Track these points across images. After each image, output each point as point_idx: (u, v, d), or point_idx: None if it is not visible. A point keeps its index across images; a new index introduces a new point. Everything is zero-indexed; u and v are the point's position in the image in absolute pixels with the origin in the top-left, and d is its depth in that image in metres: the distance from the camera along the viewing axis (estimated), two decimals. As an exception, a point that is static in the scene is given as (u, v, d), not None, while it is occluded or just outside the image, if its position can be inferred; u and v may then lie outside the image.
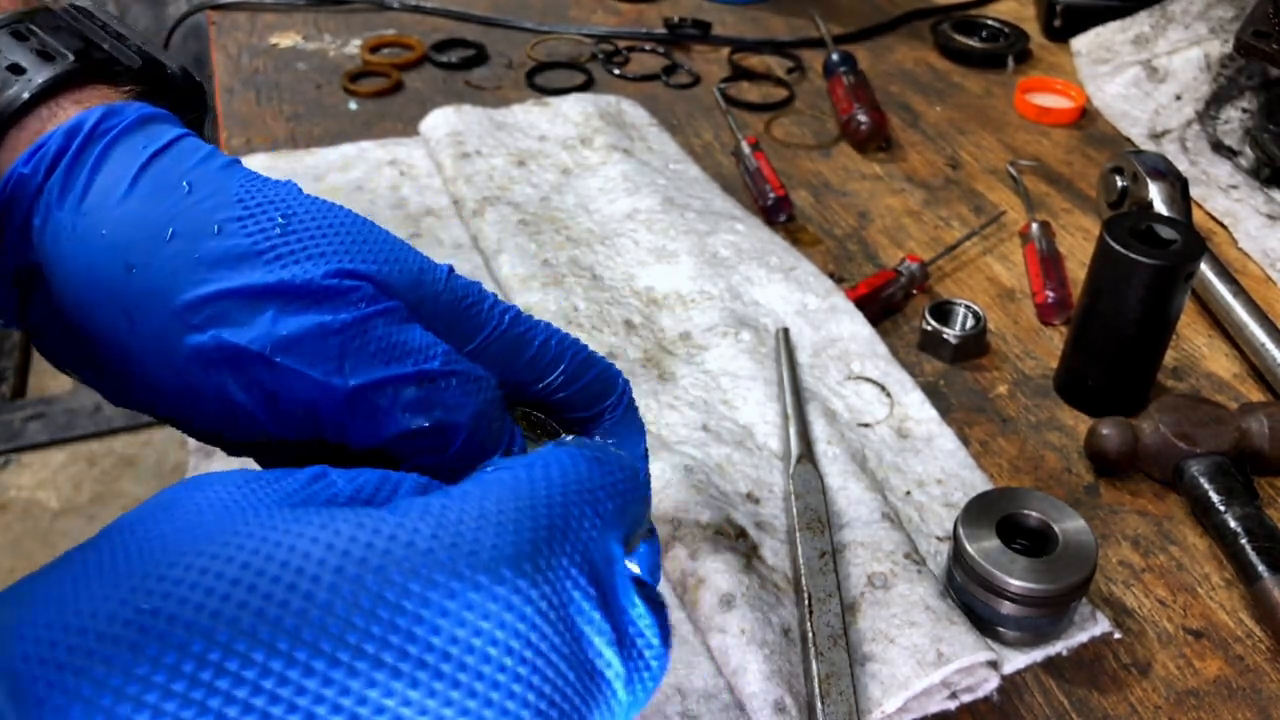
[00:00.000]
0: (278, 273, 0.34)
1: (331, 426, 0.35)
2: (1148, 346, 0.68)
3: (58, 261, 0.35)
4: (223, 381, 0.34)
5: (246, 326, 0.33)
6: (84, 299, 0.35)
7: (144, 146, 0.36)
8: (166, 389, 0.35)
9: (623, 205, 0.85)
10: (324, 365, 0.34)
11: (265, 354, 0.33)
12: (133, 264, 0.34)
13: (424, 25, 1.18)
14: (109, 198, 0.35)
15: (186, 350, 0.34)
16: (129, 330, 0.34)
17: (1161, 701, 0.54)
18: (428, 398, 0.35)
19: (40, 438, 2.19)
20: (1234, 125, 1.02)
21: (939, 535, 0.61)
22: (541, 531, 0.28)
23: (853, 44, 1.20)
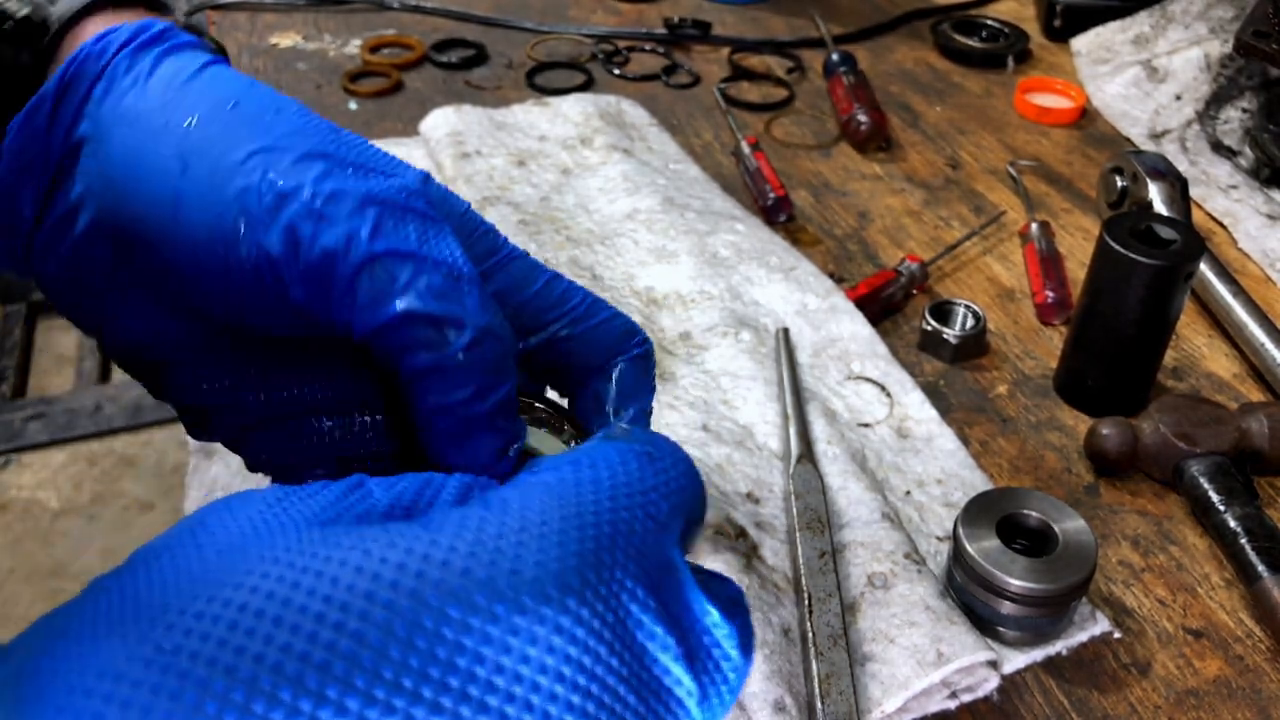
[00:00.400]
0: (329, 147, 0.35)
1: (341, 294, 0.34)
2: (1148, 346, 0.68)
3: (115, 122, 0.36)
4: (259, 225, 0.34)
5: (295, 176, 0.34)
6: (136, 149, 0.36)
7: (204, 54, 0.38)
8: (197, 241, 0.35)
9: (623, 205, 0.85)
10: (357, 223, 0.34)
11: (306, 198, 0.34)
12: (194, 119, 0.36)
13: (424, 25, 1.18)
14: (175, 78, 0.37)
15: (234, 190, 0.34)
16: (180, 173, 0.35)
17: (1161, 701, 0.54)
18: (446, 290, 0.34)
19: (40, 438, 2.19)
20: (1234, 125, 1.02)
21: (939, 535, 0.61)
22: (589, 543, 0.26)
23: (853, 44, 1.20)
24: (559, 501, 0.27)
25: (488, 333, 0.34)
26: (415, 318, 0.33)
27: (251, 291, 0.35)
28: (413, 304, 0.33)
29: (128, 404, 2.26)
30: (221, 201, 0.34)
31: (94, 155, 0.37)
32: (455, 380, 0.34)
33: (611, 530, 0.27)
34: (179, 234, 0.35)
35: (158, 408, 2.24)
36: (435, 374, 0.34)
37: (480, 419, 0.35)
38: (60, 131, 0.37)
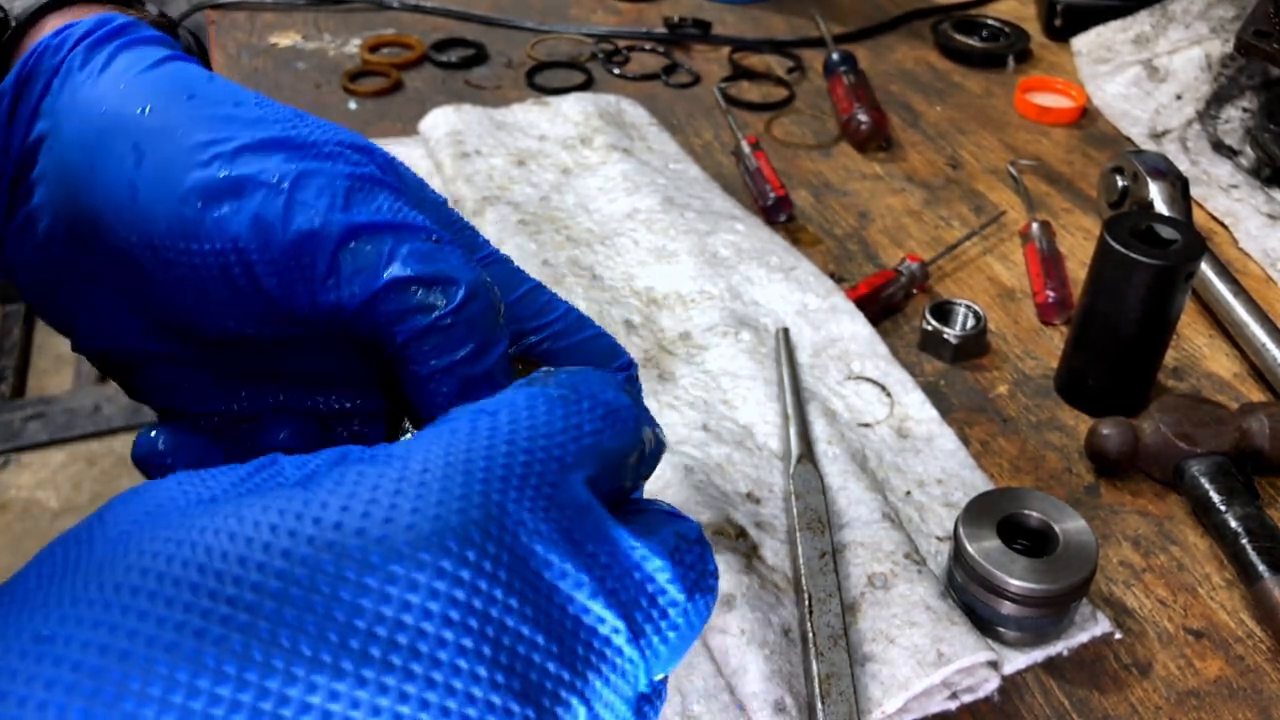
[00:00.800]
0: (289, 133, 0.34)
1: (324, 275, 0.33)
2: (1148, 346, 0.68)
3: (71, 112, 0.36)
4: (222, 214, 0.33)
5: (257, 163, 0.33)
6: (91, 141, 0.35)
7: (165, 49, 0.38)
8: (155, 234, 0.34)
9: (622, 205, 0.85)
10: (328, 201, 0.33)
11: (272, 183, 0.33)
12: (149, 108, 0.35)
13: (424, 25, 1.18)
14: (130, 69, 0.36)
15: (193, 181, 0.33)
16: (135, 164, 0.34)
17: (1162, 702, 0.54)
18: (431, 253, 0.33)
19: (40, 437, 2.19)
20: (1234, 125, 1.02)
21: (939, 535, 0.61)
22: (476, 485, 0.25)
23: (853, 43, 1.20)
24: (446, 449, 0.26)
25: (479, 288, 0.34)
26: (406, 282, 0.33)
27: (216, 285, 0.34)
28: (401, 270, 0.33)
29: (127, 404, 2.26)
30: (179, 192, 0.33)
31: (51, 151, 0.36)
32: (454, 339, 0.33)
33: (505, 473, 0.26)
34: (137, 228, 0.34)
35: (157, 408, 2.24)
36: (433, 335, 0.33)
37: (481, 378, 0.34)
38: (20, 129, 0.36)
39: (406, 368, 0.34)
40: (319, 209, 0.33)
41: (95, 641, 0.21)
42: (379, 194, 0.34)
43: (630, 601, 0.26)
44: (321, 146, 0.35)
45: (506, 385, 0.34)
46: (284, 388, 0.40)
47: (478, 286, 0.34)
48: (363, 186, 0.34)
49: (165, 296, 0.35)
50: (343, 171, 0.34)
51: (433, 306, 0.33)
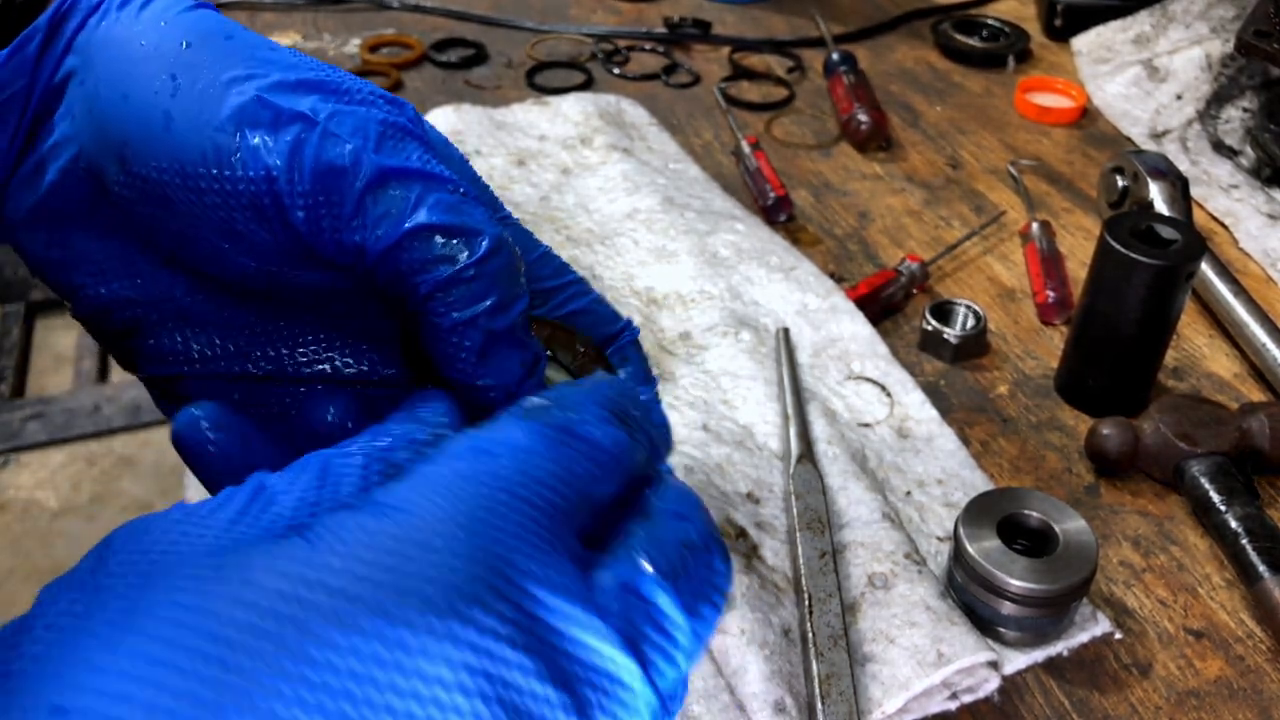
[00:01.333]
0: (325, 76, 0.35)
1: (350, 214, 0.33)
2: (1148, 346, 0.68)
3: (106, 45, 0.36)
4: (256, 144, 0.33)
5: (294, 98, 0.34)
6: (126, 70, 0.35)
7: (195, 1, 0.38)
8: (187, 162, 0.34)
9: (622, 205, 0.84)
10: (361, 142, 0.33)
11: (309, 117, 0.33)
12: (189, 42, 0.35)
13: (423, 24, 1.18)
14: (170, 10, 0.36)
15: (229, 109, 0.33)
16: (171, 93, 0.34)
17: (1162, 702, 0.53)
18: (457, 204, 0.33)
19: (39, 437, 2.19)
20: (1235, 125, 1.02)
21: (939, 535, 0.61)
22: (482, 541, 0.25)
23: (853, 43, 1.20)
24: (452, 501, 0.25)
25: (502, 242, 0.34)
26: (431, 229, 0.33)
27: (244, 215, 0.34)
28: (427, 218, 0.33)
29: (127, 404, 2.26)
30: (215, 121, 0.33)
31: (81, 85, 0.36)
32: (476, 291, 0.33)
33: (511, 526, 0.26)
34: (169, 155, 0.34)
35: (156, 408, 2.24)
36: (456, 286, 0.33)
37: (504, 333, 0.34)
38: (49, 64, 0.36)
39: (428, 320, 0.34)
40: (351, 148, 0.33)
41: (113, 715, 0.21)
42: (409, 143, 0.34)
43: (638, 635, 0.26)
44: (355, 93, 0.35)
45: (534, 342, 0.35)
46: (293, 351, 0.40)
47: (500, 241, 0.34)
48: (394, 134, 0.34)
49: (190, 230, 0.35)
50: (376, 117, 0.34)
51: (455, 257, 0.33)
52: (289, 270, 0.36)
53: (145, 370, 0.39)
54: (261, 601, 0.23)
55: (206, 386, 0.39)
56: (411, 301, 0.34)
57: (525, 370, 0.35)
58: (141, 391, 2.28)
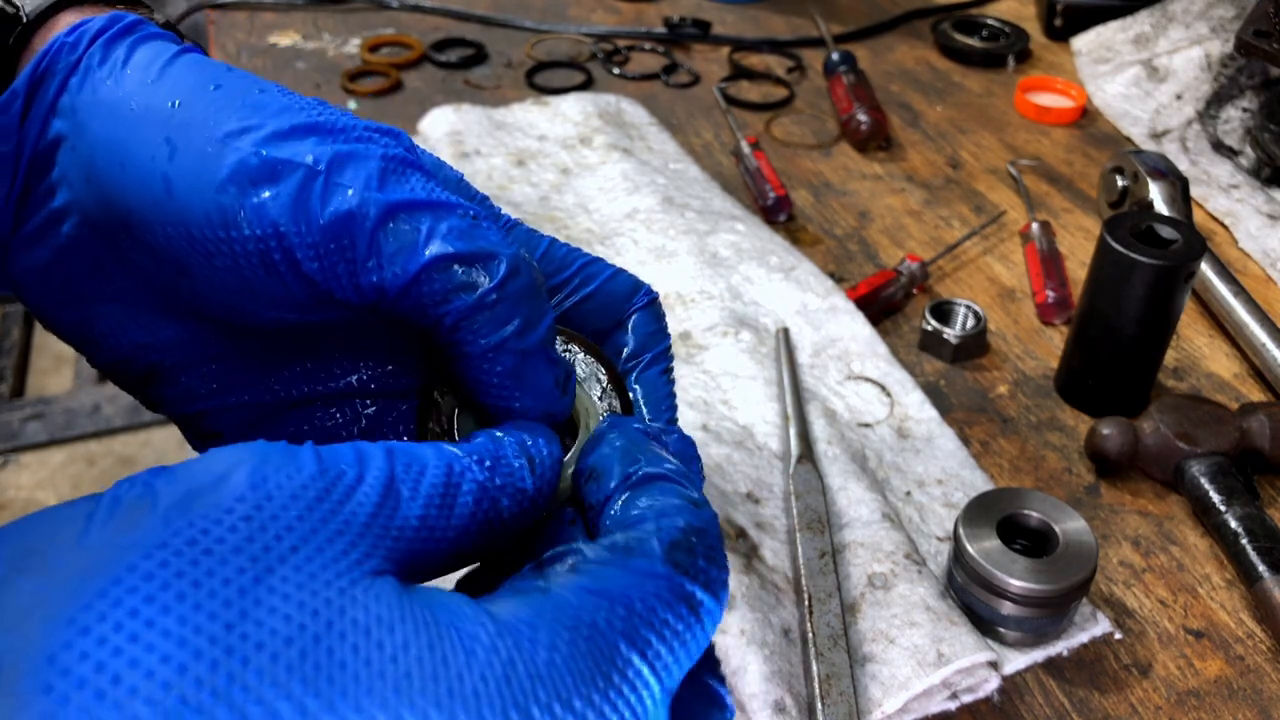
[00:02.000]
0: (318, 118, 0.35)
1: (364, 256, 0.33)
2: (1148, 346, 0.68)
3: (95, 110, 0.35)
4: (259, 200, 0.33)
5: (290, 148, 0.33)
6: (120, 137, 0.35)
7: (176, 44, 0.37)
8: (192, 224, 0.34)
9: (622, 205, 0.84)
10: (365, 182, 0.33)
11: (309, 165, 0.33)
12: (178, 101, 0.34)
13: (423, 24, 1.18)
14: (152, 64, 0.36)
15: (228, 168, 0.33)
16: (168, 157, 0.34)
17: (1162, 702, 0.53)
18: (470, 230, 0.33)
19: (39, 438, 2.19)
20: (1234, 125, 1.02)
21: (939, 535, 0.60)
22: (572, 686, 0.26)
23: (853, 43, 1.20)
24: (584, 649, 0.27)
25: (519, 262, 0.34)
26: (448, 260, 0.33)
27: (256, 273, 0.34)
28: (443, 248, 0.33)
29: (126, 404, 2.26)
30: (215, 181, 0.33)
31: (74, 151, 0.36)
32: (501, 315, 0.33)
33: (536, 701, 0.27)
34: (173, 220, 0.34)
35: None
36: (481, 313, 0.33)
37: (535, 350, 0.34)
38: (34, 128, 0.36)
39: (458, 349, 0.34)
40: (356, 189, 0.33)
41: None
42: (412, 174, 0.34)
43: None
44: (350, 131, 0.34)
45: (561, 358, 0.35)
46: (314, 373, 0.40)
47: (518, 260, 0.34)
48: (396, 168, 0.34)
49: (205, 289, 0.35)
50: (376, 153, 0.34)
51: (476, 284, 0.33)
52: (308, 316, 0.36)
53: (171, 410, 0.40)
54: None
55: (231, 418, 0.39)
56: (438, 333, 0.34)
57: (559, 387, 0.35)
58: (141, 391, 2.27)
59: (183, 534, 0.24)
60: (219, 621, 0.23)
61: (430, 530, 0.27)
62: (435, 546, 0.28)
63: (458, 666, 0.25)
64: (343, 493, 0.26)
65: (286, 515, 0.25)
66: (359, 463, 0.27)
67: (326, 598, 0.24)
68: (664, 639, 0.28)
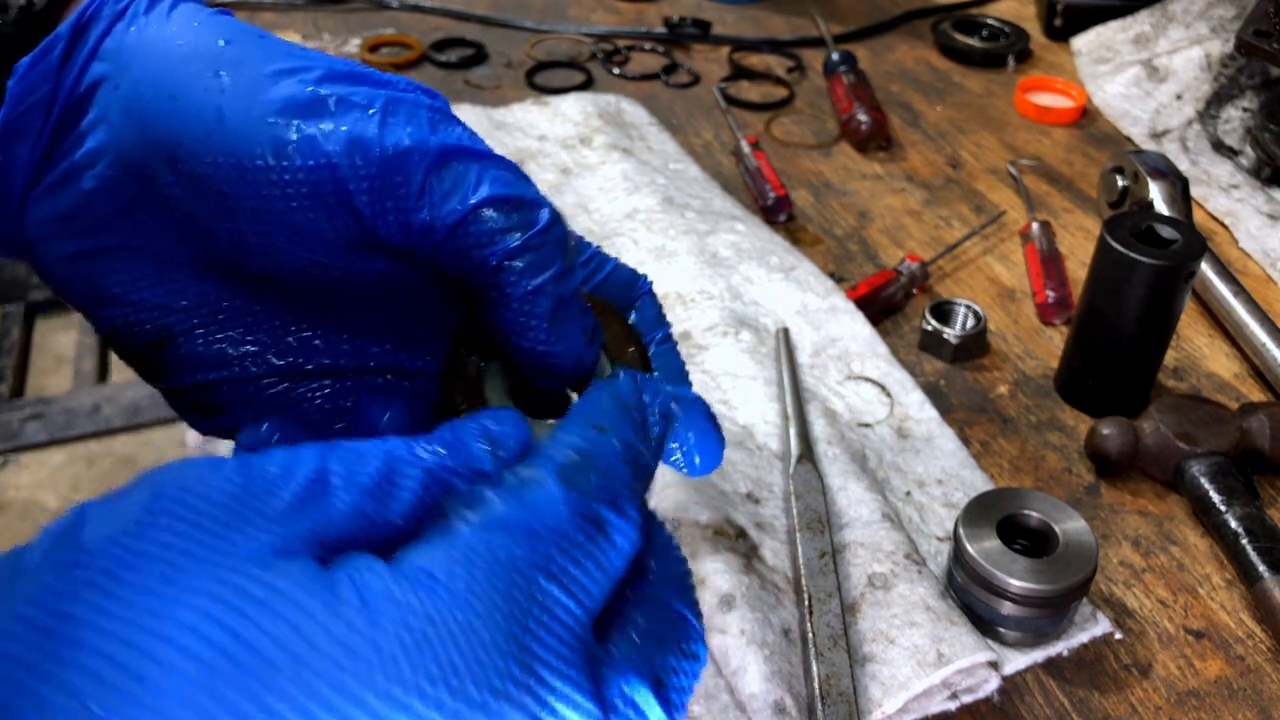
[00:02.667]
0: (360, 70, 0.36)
1: (416, 193, 0.34)
2: (1148, 346, 0.68)
3: (139, 50, 0.36)
4: (314, 132, 0.33)
5: (344, 88, 0.34)
6: (168, 72, 0.35)
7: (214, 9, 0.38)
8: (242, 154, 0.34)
9: (622, 205, 0.84)
10: (417, 126, 0.34)
11: (363, 104, 0.34)
12: (228, 39, 0.35)
13: (423, 24, 1.18)
14: (197, 15, 0.37)
15: (281, 100, 0.34)
16: (219, 89, 0.34)
17: (1162, 702, 0.53)
18: (514, 179, 0.35)
19: (39, 438, 2.19)
20: (1235, 125, 1.02)
21: (939, 535, 0.60)
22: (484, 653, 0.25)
23: (853, 43, 1.20)
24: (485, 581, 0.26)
25: (558, 213, 0.36)
26: (500, 201, 0.34)
27: (303, 205, 0.34)
28: (495, 190, 0.34)
29: (126, 404, 2.26)
30: (269, 114, 0.34)
31: (116, 90, 0.36)
32: (547, 256, 0.35)
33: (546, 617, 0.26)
34: (224, 152, 0.34)
35: (156, 407, 2.24)
36: (529, 253, 0.35)
37: (572, 297, 0.36)
38: (73, 71, 0.36)
39: (500, 291, 0.35)
40: (412, 131, 0.34)
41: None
42: (457, 125, 0.36)
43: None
44: (396, 84, 0.36)
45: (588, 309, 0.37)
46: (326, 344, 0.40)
47: (557, 212, 0.36)
48: (443, 118, 0.35)
49: (247, 225, 0.35)
50: (425, 102, 0.35)
51: (524, 226, 0.35)
52: (345, 262, 0.36)
53: (177, 380, 0.39)
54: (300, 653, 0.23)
55: (236, 390, 0.39)
56: (481, 274, 0.35)
57: (588, 337, 0.37)
58: (141, 392, 2.27)
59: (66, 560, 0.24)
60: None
61: (367, 518, 0.27)
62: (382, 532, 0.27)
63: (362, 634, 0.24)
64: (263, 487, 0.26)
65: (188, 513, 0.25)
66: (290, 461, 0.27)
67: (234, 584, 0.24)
68: (578, 562, 0.27)
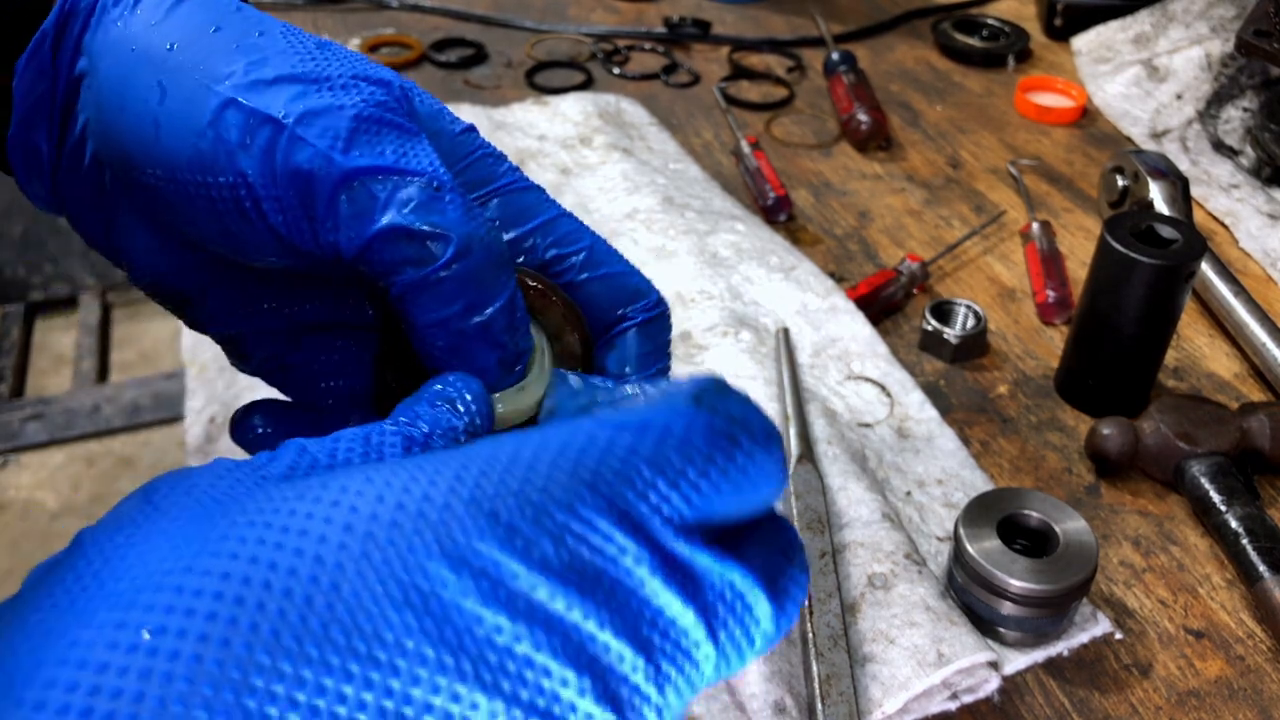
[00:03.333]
0: (307, 66, 0.35)
1: (324, 216, 0.33)
2: (1148, 346, 0.68)
3: (104, 52, 0.36)
4: (231, 148, 0.34)
5: (269, 99, 0.34)
6: (120, 78, 0.36)
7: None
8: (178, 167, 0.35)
9: (622, 205, 0.84)
10: (330, 140, 0.33)
11: (278, 118, 0.33)
12: (175, 44, 0.35)
13: (423, 24, 1.18)
14: (160, 5, 0.37)
15: (209, 115, 0.34)
16: (159, 100, 0.35)
17: (1163, 702, 0.53)
18: (427, 202, 0.33)
19: (39, 438, 2.19)
20: (1235, 124, 1.02)
21: (939, 535, 0.60)
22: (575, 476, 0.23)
23: (853, 43, 1.20)
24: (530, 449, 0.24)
25: (473, 242, 0.33)
26: (397, 233, 0.33)
27: (232, 218, 0.34)
28: (393, 219, 0.33)
29: (126, 404, 2.26)
30: (198, 128, 0.34)
31: (89, 89, 0.37)
32: (444, 295, 0.33)
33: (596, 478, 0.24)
34: (161, 162, 0.35)
35: (156, 407, 2.24)
36: (423, 290, 0.33)
37: (474, 332, 0.34)
38: (64, 66, 0.37)
39: (405, 316, 0.34)
40: (320, 149, 0.33)
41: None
42: (385, 135, 0.34)
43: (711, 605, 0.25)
44: (336, 80, 0.35)
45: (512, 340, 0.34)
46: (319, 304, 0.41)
47: (472, 240, 0.33)
48: (368, 127, 0.34)
49: (191, 227, 0.36)
50: (350, 111, 0.34)
51: (424, 260, 0.33)
52: (287, 261, 0.36)
53: (206, 330, 0.41)
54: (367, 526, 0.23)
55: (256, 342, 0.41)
56: (388, 299, 0.34)
57: (502, 369, 0.35)
58: (141, 392, 2.28)
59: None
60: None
61: None
62: None
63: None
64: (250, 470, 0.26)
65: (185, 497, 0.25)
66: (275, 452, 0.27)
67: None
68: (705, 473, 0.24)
